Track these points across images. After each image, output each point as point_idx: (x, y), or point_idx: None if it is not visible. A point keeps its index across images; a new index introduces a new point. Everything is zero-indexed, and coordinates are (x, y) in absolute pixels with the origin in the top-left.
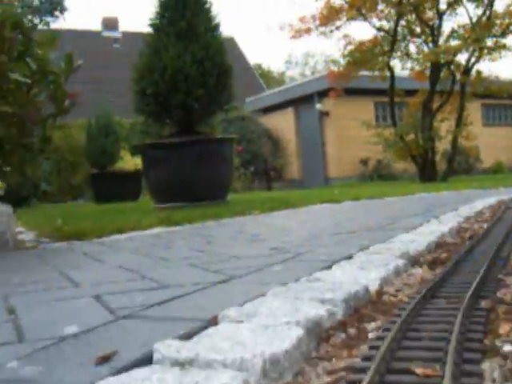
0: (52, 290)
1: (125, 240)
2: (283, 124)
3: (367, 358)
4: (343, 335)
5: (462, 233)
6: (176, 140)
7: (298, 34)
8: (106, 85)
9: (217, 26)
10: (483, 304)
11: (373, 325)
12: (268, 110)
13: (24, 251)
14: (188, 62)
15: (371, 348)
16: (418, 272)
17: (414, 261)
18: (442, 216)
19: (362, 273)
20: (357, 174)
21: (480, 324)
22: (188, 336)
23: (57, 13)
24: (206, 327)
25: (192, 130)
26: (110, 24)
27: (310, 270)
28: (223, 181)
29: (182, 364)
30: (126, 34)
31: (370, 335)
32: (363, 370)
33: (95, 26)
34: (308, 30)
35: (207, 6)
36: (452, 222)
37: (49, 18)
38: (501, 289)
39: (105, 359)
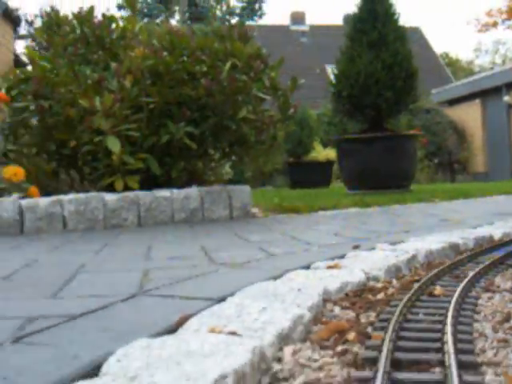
0: (305, 231)
1: (331, 215)
2: (469, 116)
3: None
4: (469, 252)
5: None
6: (367, 135)
7: (485, 28)
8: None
9: (404, 34)
10: None
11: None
12: (454, 101)
13: (262, 218)
14: (379, 68)
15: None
16: None
17: None
18: None
19: (494, 230)
20: None
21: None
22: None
23: (255, 17)
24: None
25: (380, 127)
26: (298, 18)
27: (461, 229)
28: (407, 172)
29: (331, 267)
30: (312, 28)
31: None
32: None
33: (283, 20)
34: (495, 24)
35: (396, 17)
36: None
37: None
38: None
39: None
